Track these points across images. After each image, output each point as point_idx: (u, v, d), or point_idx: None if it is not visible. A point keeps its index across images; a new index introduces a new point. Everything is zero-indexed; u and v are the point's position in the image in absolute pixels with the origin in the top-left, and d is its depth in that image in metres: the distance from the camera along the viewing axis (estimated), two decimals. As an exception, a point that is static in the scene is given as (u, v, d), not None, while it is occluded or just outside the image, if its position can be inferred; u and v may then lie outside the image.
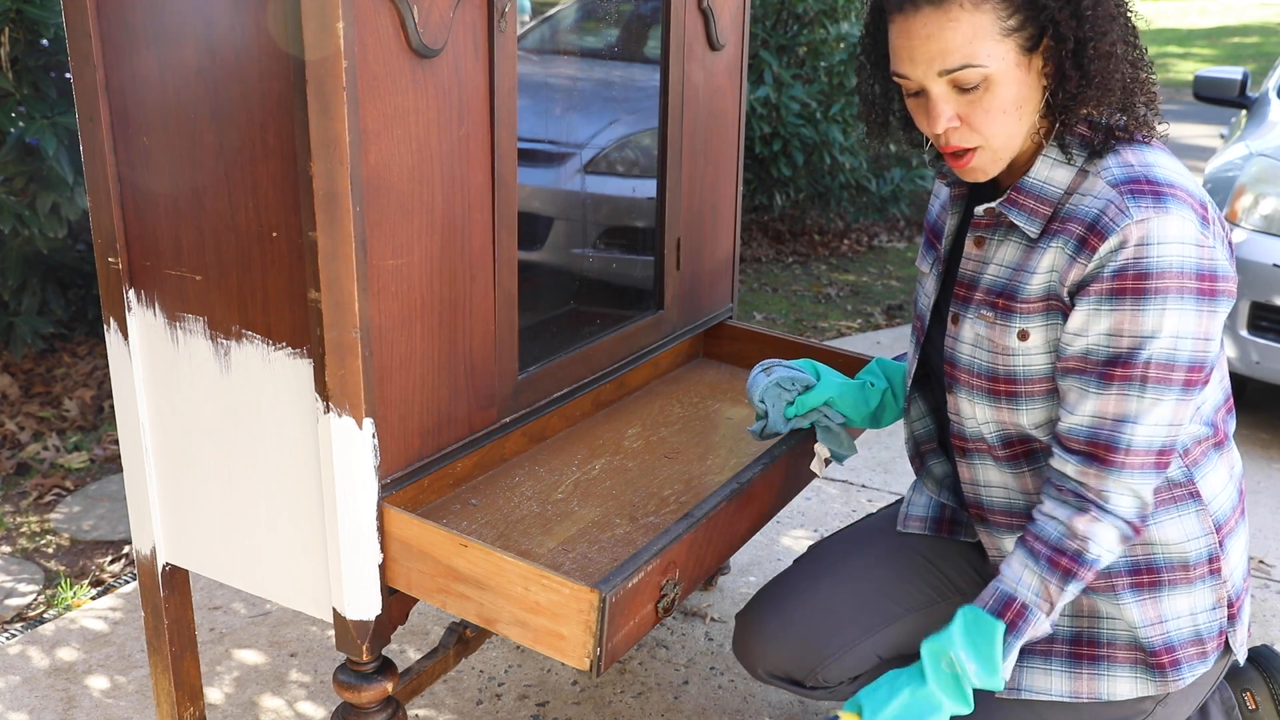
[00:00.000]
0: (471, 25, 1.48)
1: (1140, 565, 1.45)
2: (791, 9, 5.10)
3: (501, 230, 1.61)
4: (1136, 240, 1.29)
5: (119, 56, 1.49)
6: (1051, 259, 1.37)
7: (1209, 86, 4.44)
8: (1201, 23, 17.28)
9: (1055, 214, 1.38)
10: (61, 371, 3.70)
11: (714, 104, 2.11)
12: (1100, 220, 1.32)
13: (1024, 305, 1.39)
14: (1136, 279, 1.29)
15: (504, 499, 1.66)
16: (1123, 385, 1.32)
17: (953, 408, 1.52)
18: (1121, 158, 1.36)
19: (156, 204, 1.53)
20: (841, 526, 2.86)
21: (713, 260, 2.22)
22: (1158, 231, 1.29)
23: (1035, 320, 1.39)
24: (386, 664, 1.55)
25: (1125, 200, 1.31)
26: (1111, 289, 1.31)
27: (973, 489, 1.55)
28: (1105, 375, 1.33)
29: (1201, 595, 1.46)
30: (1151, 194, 1.31)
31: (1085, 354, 1.34)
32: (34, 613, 2.47)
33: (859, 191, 5.60)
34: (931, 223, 1.64)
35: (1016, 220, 1.40)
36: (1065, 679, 1.49)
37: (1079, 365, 1.35)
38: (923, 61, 1.32)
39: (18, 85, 3.12)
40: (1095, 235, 1.31)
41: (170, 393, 1.61)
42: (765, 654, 1.72)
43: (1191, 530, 1.44)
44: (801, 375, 1.73)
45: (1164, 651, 1.45)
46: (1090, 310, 1.33)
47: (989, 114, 1.33)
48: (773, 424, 1.73)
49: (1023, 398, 1.43)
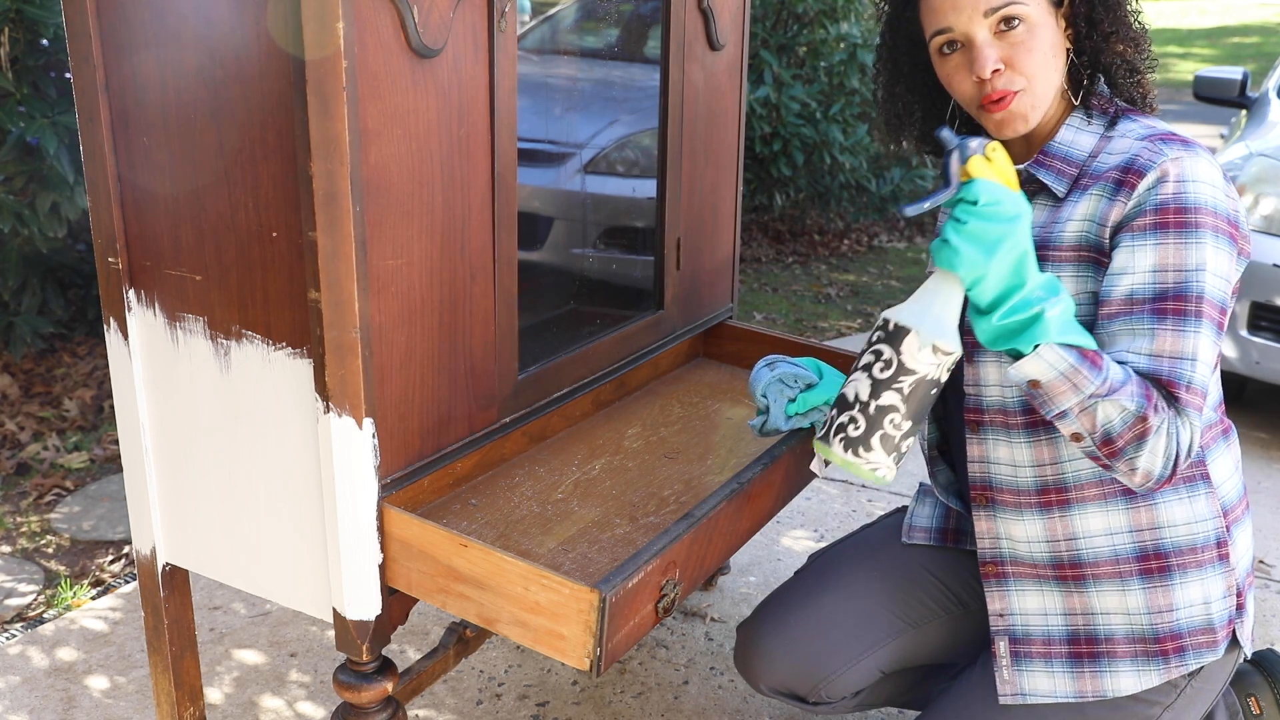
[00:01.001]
0: (471, 25, 1.48)
1: (1148, 550, 1.44)
2: (791, 9, 5.10)
3: (501, 230, 1.61)
4: (1175, 176, 1.34)
5: (119, 56, 1.49)
6: (1087, 207, 1.40)
7: (1209, 86, 4.45)
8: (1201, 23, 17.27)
9: (1082, 173, 1.43)
10: (61, 371, 3.70)
11: (714, 104, 2.11)
12: (1136, 161, 1.37)
13: (1056, 253, 1.41)
14: (1179, 212, 1.33)
15: (504, 499, 1.66)
16: (1178, 320, 1.31)
17: (972, 378, 1.52)
18: (1141, 122, 1.44)
19: (156, 204, 1.53)
20: (841, 526, 2.88)
21: (713, 260, 2.22)
22: (1192, 169, 1.34)
23: (1066, 269, 1.41)
24: (386, 664, 1.55)
25: (1158, 144, 1.37)
26: (1155, 223, 1.33)
27: (981, 467, 1.53)
28: (1158, 310, 1.32)
29: (1214, 582, 1.45)
30: (1180, 142, 1.38)
31: (1131, 295, 1.34)
32: (34, 613, 2.47)
33: (859, 191, 5.60)
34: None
35: (1045, 179, 1.44)
36: (1068, 679, 1.49)
37: (1125, 307, 1.34)
38: (967, 6, 1.38)
39: (18, 85, 3.12)
40: (1133, 174, 1.36)
41: (170, 393, 1.61)
42: (768, 671, 1.72)
43: (1200, 512, 1.44)
44: (805, 373, 1.73)
45: (1169, 639, 1.45)
46: (1134, 246, 1.34)
47: (1031, 54, 1.39)
48: (773, 420, 1.72)
49: None
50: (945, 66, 1.45)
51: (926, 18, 1.44)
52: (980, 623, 1.72)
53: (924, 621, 1.71)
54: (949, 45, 1.43)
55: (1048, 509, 1.47)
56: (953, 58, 1.43)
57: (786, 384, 1.71)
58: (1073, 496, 1.45)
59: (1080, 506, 1.45)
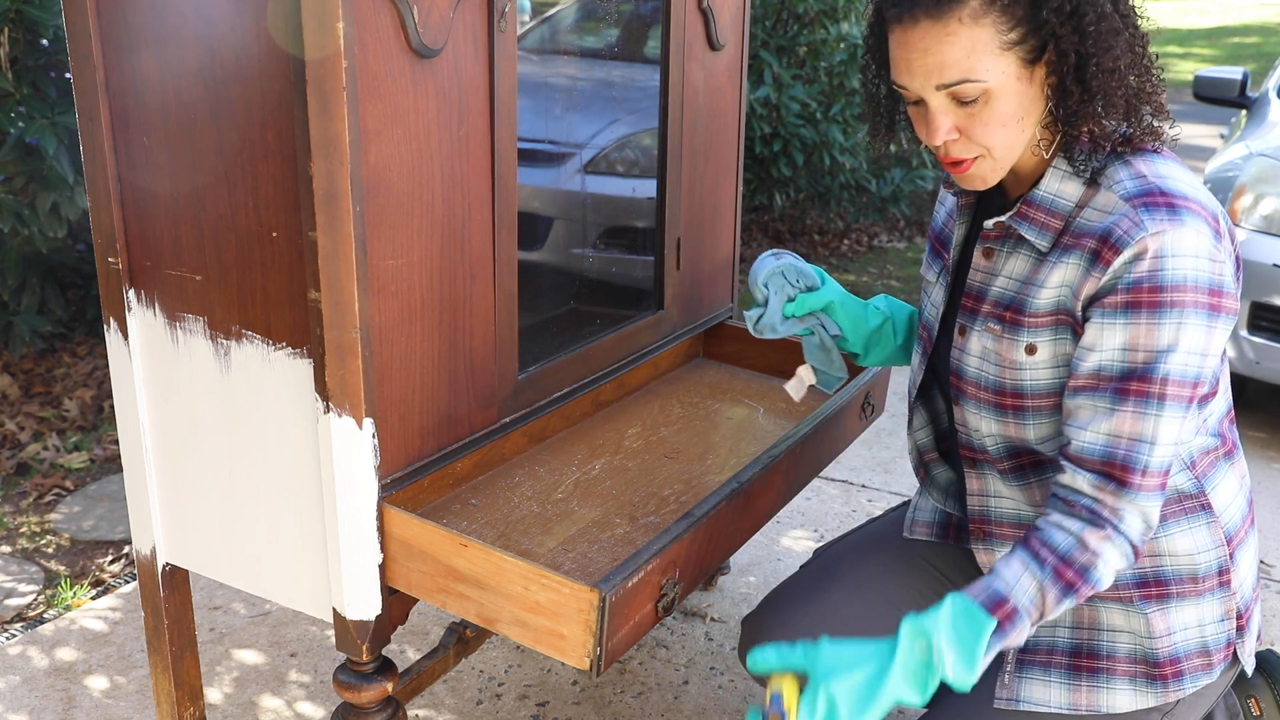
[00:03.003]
0: (471, 25, 1.48)
1: (1148, 578, 1.44)
2: (791, 9, 5.10)
3: (501, 230, 1.61)
4: (1153, 253, 1.26)
5: (119, 56, 1.49)
6: (1063, 274, 1.34)
7: (1209, 86, 4.44)
8: (1201, 23, 17.27)
9: (1066, 228, 1.36)
10: (61, 371, 3.70)
11: (714, 104, 2.11)
12: (1114, 233, 1.29)
13: (1032, 319, 1.37)
14: (1152, 291, 1.27)
15: (504, 499, 1.66)
16: (1139, 402, 1.29)
17: (959, 419, 1.51)
18: (1132, 168, 1.34)
19: (156, 204, 1.53)
20: (841, 526, 2.88)
21: (713, 260, 2.22)
22: (1173, 244, 1.26)
23: (1043, 335, 1.37)
24: (386, 664, 1.55)
25: (1139, 214, 1.29)
26: (1127, 302, 1.28)
27: (980, 500, 1.53)
28: (1120, 391, 1.29)
29: (1210, 607, 1.44)
30: (1166, 206, 1.28)
31: (1098, 370, 1.31)
32: (34, 613, 2.47)
33: (859, 191, 5.60)
34: (937, 231, 1.63)
35: (1027, 234, 1.38)
36: (1064, 691, 1.48)
37: (1091, 382, 1.32)
38: (920, 74, 1.31)
39: (18, 85, 3.12)
40: (1110, 249, 1.29)
41: (170, 393, 1.61)
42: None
43: (1202, 543, 1.42)
44: (808, 272, 1.68)
45: (1168, 663, 1.44)
46: (1105, 324, 1.30)
47: (987, 127, 1.32)
48: (770, 315, 1.65)
49: (1029, 412, 1.41)
50: (910, 110, 1.40)
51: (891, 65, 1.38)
52: None
53: None
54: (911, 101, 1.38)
55: None
56: (913, 108, 1.38)
57: (789, 278, 1.66)
58: None
59: None
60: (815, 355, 1.70)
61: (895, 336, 1.73)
